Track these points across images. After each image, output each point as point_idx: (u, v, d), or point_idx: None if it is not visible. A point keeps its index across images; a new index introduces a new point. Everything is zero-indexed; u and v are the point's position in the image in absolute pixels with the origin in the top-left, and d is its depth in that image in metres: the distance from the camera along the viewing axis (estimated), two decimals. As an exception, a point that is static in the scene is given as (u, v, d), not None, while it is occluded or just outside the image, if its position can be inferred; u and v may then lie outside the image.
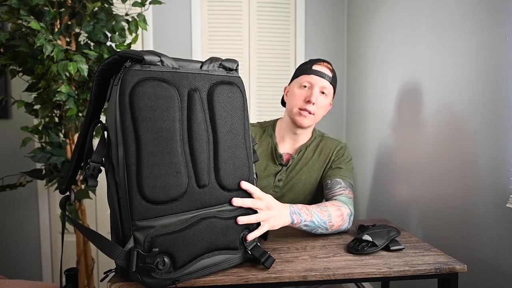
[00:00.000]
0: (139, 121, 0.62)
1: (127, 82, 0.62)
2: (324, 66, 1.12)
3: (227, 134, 0.74)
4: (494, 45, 0.98)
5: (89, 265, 1.56)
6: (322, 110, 1.13)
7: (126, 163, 0.62)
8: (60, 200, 0.71)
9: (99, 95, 0.72)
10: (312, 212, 0.92)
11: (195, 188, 0.69)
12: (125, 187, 0.63)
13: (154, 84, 0.64)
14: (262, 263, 0.77)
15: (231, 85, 0.75)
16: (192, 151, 0.69)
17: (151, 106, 0.63)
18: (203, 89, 0.71)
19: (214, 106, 0.72)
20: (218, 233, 0.71)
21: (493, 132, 0.99)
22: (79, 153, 0.72)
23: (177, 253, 0.66)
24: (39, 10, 1.34)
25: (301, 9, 2.21)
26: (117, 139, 0.63)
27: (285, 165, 1.16)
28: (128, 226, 0.63)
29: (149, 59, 0.64)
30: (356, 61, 2.08)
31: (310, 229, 0.93)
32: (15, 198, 2.02)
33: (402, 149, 1.52)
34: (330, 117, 2.29)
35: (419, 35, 1.37)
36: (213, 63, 0.74)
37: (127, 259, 0.63)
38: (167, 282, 0.65)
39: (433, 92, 1.27)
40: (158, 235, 0.64)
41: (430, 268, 0.78)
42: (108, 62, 0.66)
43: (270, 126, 1.23)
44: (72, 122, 1.42)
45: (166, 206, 0.65)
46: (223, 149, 0.73)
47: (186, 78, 0.68)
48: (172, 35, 2.14)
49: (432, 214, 1.29)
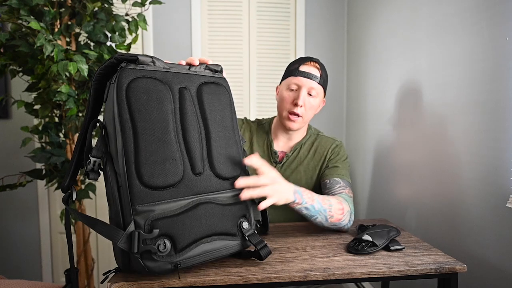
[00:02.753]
0: (135, 112, 0.67)
1: (123, 79, 0.67)
2: (311, 66, 1.10)
3: (218, 127, 0.78)
4: (494, 45, 0.98)
5: (89, 265, 1.57)
6: (312, 111, 1.12)
7: (125, 151, 0.66)
8: (63, 197, 0.75)
9: (97, 98, 0.76)
10: (314, 197, 0.92)
11: (191, 175, 0.72)
12: (124, 175, 0.66)
13: (148, 81, 0.70)
14: (258, 251, 0.77)
15: (218, 85, 0.82)
16: (185, 142, 0.73)
17: (146, 99, 0.69)
18: (192, 87, 0.77)
19: (203, 102, 0.78)
20: (215, 218, 0.73)
21: (493, 132, 0.99)
22: (80, 151, 0.75)
23: (177, 235, 0.67)
24: (39, 10, 1.34)
25: (301, 9, 2.21)
26: (116, 131, 0.67)
27: (280, 162, 1.16)
28: (128, 211, 0.65)
29: (142, 59, 0.70)
30: (356, 61, 2.08)
31: (310, 215, 0.93)
32: (15, 198, 2.02)
33: (402, 149, 1.52)
34: (330, 117, 2.30)
35: (419, 35, 1.37)
36: (200, 65, 0.81)
37: (129, 242, 0.64)
38: (168, 266, 0.66)
39: (433, 92, 1.27)
40: (158, 219, 0.66)
41: (430, 268, 0.78)
42: (105, 66, 0.71)
43: (267, 123, 1.23)
44: (72, 122, 1.42)
45: (165, 192, 0.68)
46: (215, 140, 0.77)
47: (176, 77, 0.75)
48: (172, 35, 2.14)
49: (432, 214, 1.29)
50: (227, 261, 0.82)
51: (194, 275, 0.73)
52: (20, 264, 2.06)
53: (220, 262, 0.81)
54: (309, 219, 0.95)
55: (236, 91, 2.21)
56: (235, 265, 0.79)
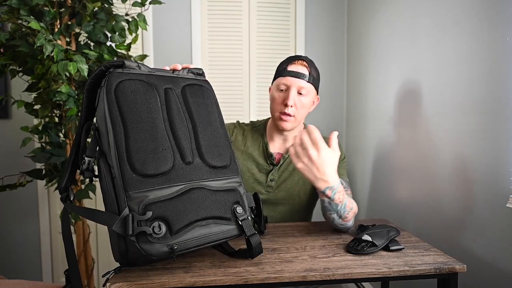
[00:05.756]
0: (124, 109, 0.72)
1: (112, 81, 0.73)
2: (299, 64, 1.10)
3: (204, 122, 0.82)
4: (494, 45, 0.98)
5: (89, 265, 1.57)
6: (304, 110, 1.12)
7: (116, 142, 0.69)
8: (61, 196, 0.80)
9: (89, 106, 0.80)
10: (344, 199, 0.94)
11: (181, 163, 0.75)
12: (117, 164, 0.69)
13: (135, 82, 0.75)
14: (247, 237, 0.78)
15: (201, 86, 0.87)
16: (174, 134, 0.76)
17: (134, 97, 0.74)
18: (177, 88, 0.82)
19: (188, 100, 0.82)
20: (208, 202, 0.75)
21: (493, 132, 0.99)
22: (75, 153, 0.80)
23: (172, 218, 0.68)
24: (39, 10, 1.34)
25: (301, 9, 2.21)
26: (107, 129, 0.71)
27: (276, 164, 1.16)
28: (123, 199, 0.67)
29: (128, 64, 0.77)
30: (356, 61, 2.08)
31: (328, 209, 0.95)
32: (15, 198, 2.02)
33: (402, 149, 1.52)
34: (330, 117, 2.30)
35: (419, 35, 1.37)
36: (183, 70, 0.87)
37: (124, 225, 0.66)
38: (165, 248, 0.67)
39: (433, 92, 1.27)
40: (151, 203, 0.68)
41: (429, 268, 0.78)
42: (95, 74, 0.75)
43: (262, 125, 1.23)
44: (72, 122, 1.42)
45: (157, 179, 0.71)
46: (202, 132, 0.81)
47: (161, 79, 0.80)
48: (172, 35, 2.14)
49: (432, 214, 1.29)
50: (227, 261, 0.82)
51: (194, 275, 0.73)
52: (20, 264, 2.06)
53: (220, 262, 0.81)
54: (325, 211, 0.96)
55: (236, 91, 2.21)
56: (235, 265, 0.79)
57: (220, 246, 0.87)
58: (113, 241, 0.73)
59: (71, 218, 1.47)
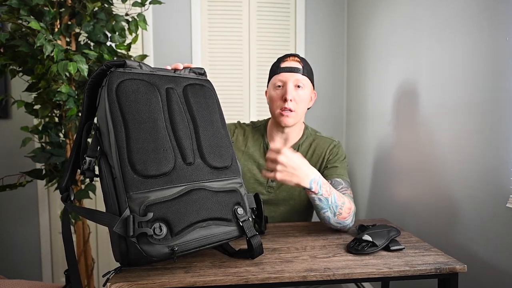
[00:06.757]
0: (125, 109, 0.71)
1: (113, 81, 0.72)
2: (291, 60, 1.12)
3: (205, 122, 0.82)
4: (494, 45, 0.98)
5: (89, 265, 1.56)
6: (304, 104, 1.12)
7: (117, 142, 0.69)
8: (61, 196, 0.79)
9: (90, 105, 0.79)
10: (332, 192, 0.95)
11: (182, 164, 0.75)
12: (118, 165, 0.68)
13: (136, 82, 0.75)
14: (248, 239, 0.78)
15: (203, 86, 0.87)
16: (175, 134, 0.76)
17: (135, 97, 0.73)
18: (178, 88, 0.82)
19: (190, 100, 0.82)
20: (209, 203, 0.74)
21: (493, 132, 0.99)
22: (76, 153, 0.79)
23: (172, 219, 0.68)
24: (39, 10, 1.34)
25: (301, 9, 2.21)
26: (108, 129, 0.70)
27: None
28: (124, 199, 0.67)
29: (130, 63, 0.76)
30: (356, 61, 2.08)
31: (321, 207, 0.95)
32: (15, 198, 2.02)
33: (402, 149, 1.52)
34: (330, 117, 2.30)
35: (419, 35, 1.37)
36: (184, 69, 0.86)
37: (124, 226, 0.66)
38: (165, 249, 0.67)
39: (433, 92, 1.27)
40: (152, 204, 0.68)
41: (430, 268, 0.78)
42: (96, 74, 0.75)
43: (262, 126, 1.23)
44: (72, 122, 1.42)
45: (158, 180, 0.70)
46: (203, 133, 0.81)
47: (162, 79, 0.80)
48: (172, 35, 2.14)
49: (432, 214, 1.29)
50: (227, 261, 0.82)
51: (194, 275, 0.73)
52: (20, 264, 2.06)
53: (220, 262, 0.81)
54: (319, 211, 0.96)
55: (236, 91, 2.21)
56: (235, 265, 0.79)
57: (221, 246, 0.87)
58: (114, 241, 0.73)
59: (71, 218, 1.47)
